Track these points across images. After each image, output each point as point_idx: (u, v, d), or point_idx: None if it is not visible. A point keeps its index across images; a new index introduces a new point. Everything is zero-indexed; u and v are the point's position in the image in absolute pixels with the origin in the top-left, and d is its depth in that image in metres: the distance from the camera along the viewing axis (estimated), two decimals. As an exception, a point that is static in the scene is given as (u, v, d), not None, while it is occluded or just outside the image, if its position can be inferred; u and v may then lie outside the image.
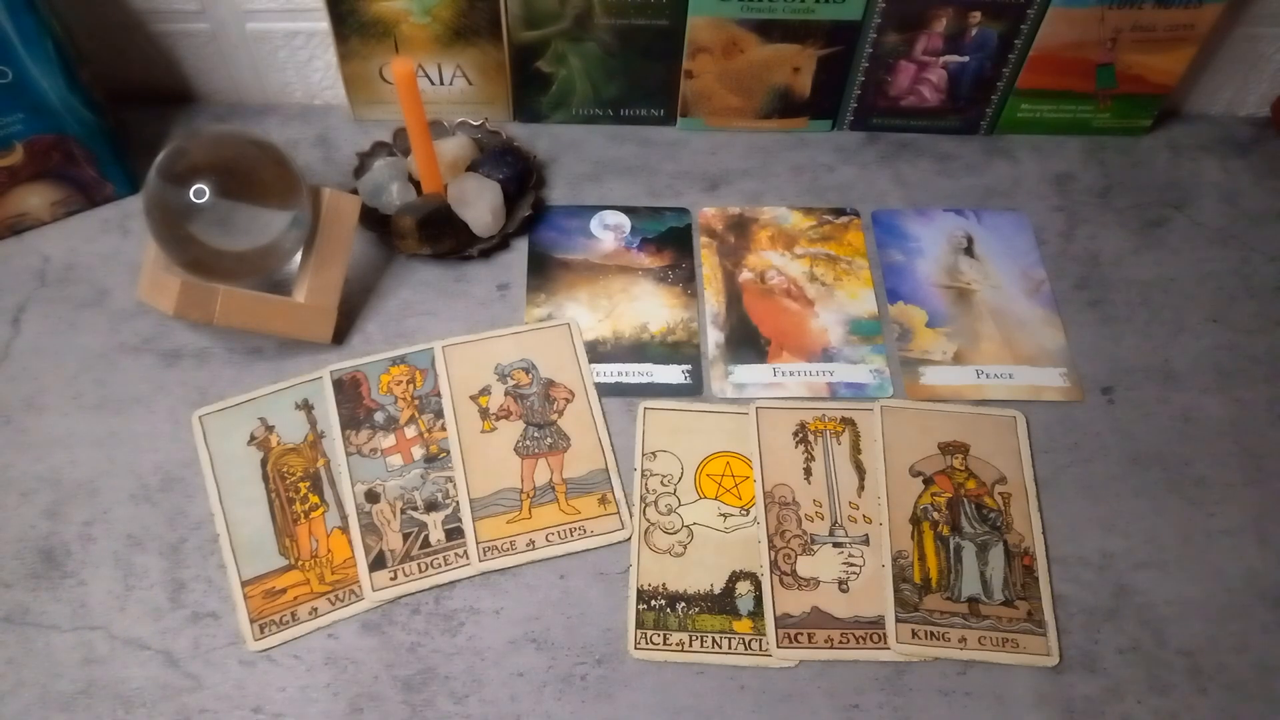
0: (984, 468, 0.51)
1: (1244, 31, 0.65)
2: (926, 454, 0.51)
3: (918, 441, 0.52)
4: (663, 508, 0.51)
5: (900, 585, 0.48)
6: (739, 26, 0.61)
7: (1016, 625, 0.47)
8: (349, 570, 0.49)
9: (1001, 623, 0.47)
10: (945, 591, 0.48)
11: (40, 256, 0.60)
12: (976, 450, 0.52)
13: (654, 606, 0.48)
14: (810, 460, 0.52)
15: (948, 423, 0.52)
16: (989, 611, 0.47)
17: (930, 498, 0.50)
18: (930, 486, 0.50)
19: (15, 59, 0.53)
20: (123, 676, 0.46)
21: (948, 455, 0.51)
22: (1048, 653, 0.47)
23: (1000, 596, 0.48)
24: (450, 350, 0.55)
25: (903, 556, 0.48)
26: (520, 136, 0.66)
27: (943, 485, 0.50)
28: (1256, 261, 0.63)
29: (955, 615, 0.47)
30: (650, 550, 0.49)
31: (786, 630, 0.47)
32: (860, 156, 0.67)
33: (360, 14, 0.61)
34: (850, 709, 0.46)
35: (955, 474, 0.51)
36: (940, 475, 0.51)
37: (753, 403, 0.53)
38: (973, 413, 0.53)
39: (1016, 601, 0.48)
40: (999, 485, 0.51)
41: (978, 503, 0.50)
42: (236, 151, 0.52)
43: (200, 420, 0.53)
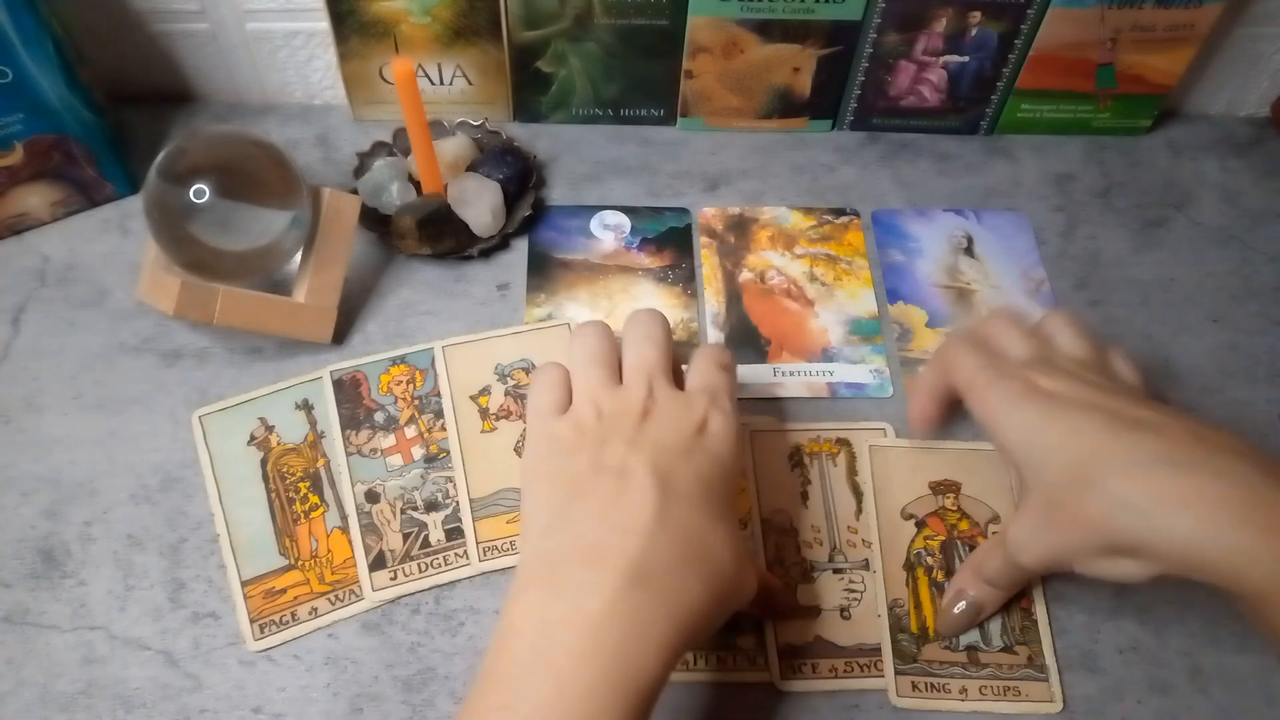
0: (977, 507, 0.50)
1: (1244, 31, 0.65)
2: (917, 495, 0.50)
3: (908, 481, 0.50)
4: None
5: (898, 635, 0.46)
6: (739, 26, 0.61)
7: (1017, 672, 0.46)
8: (349, 570, 0.49)
9: (1002, 670, 0.46)
10: (943, 641, 0.46)
11: (40, 256, 0.60)
12: (968, 489, 0.50)
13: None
14: (807, 484, 0.51)
15: (937, 461, 0.51)
16: (988, 659, 0.46)
17: (924, 541, 0.48)
18: (923, 530, 0.49)
19: (15, 59, 0.53)
20: (123, 676, 0.46)
21: (939, 495, 0.50)
22: (1050, 699, 0.45)
23: (999, 643, 0.46)
24: (450, 350, 0.55)
25: (899, 605, 0.47)
26: (520, 136, 0.66)
27: (935, 528, 0.49)
28: (1256, 261, 0.63)
29: (955, 665, 0.46)
30: None
31: (790, 661, 0.46)
32: (860, 156, 0.67)
33: (360, 14, 0.61)
34: (850, 709, 0.46)
35: (947, 515, 0.49)
36: (932, 517, 0.49)
37: (746, 427, 0.51)
38: (963, 449, 0.51)
39: (1016, 647, 0.46)
40: (992, 525, 0.49)
41: (971, 544, 0.48)
42: (236, 151, 0.52)
43: (200, 420, 0.53)
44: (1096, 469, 0.38)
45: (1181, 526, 0.36)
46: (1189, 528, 0.36)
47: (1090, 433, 0.39)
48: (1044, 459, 0.40)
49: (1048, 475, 0.40)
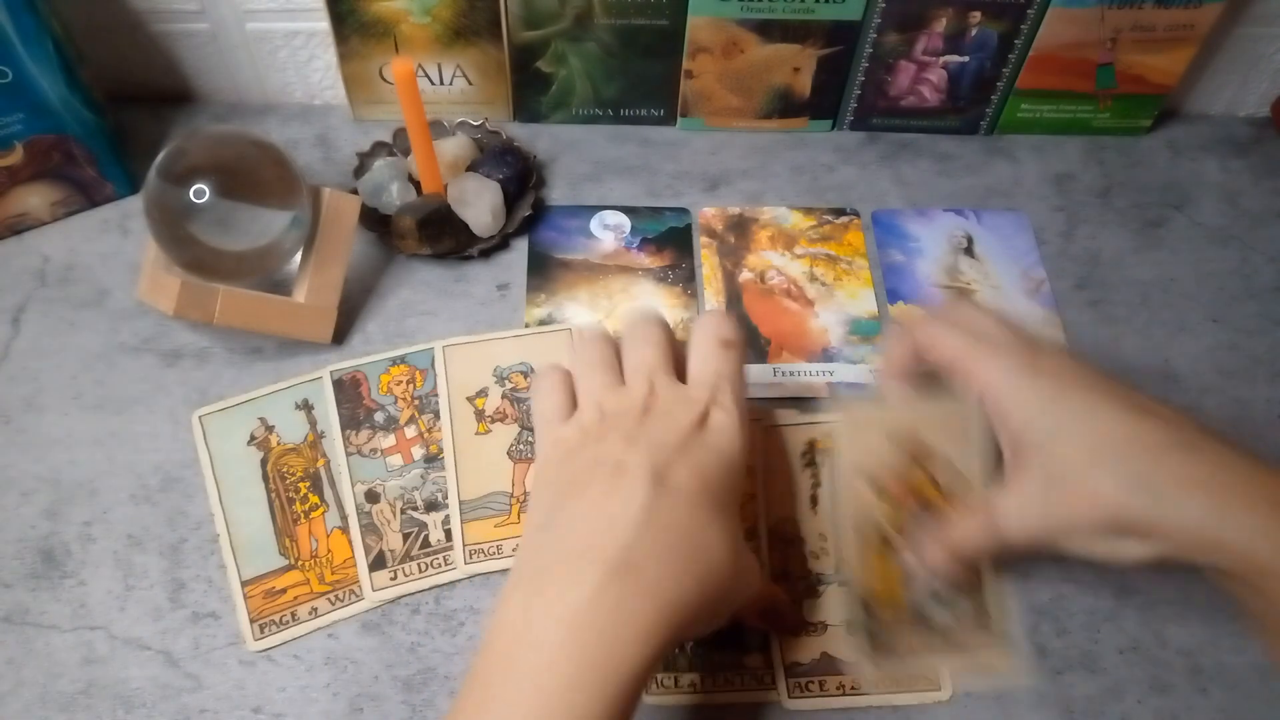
0: (946, 468, 0.46)
1: (1244, 31, 0.65)
2: (888, 463, 0.46)
3: (878, 452, 0.46)
4: None
5: (857, 612, 0.45)
6: (739, 26, 0.61)
7: (971, 634, 0.45)
8: (349, 570, 0.49)
9: (959, 636, 0.45)
10: (903, 612, 0.45)
11: (40, 256, 0.60)
12: (938, 447, 0.46)
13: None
14: (817, 486, 0.49)
15: (911, 423, 0.47)
16: (941, 622, 0.45)
17: (889, 514, 0.46)
18: (887, 499, 0.46)
19: (15, 59, 0.53)
20: (123, 676, 0.46)
21: (906, 458, 0.46)
22: (1006, 662, 0.45)
23: (951, 609, 0.45)
24: (450, 350, 0.55)
25: (860, 580, 0.45)
26: (520, 136, 0.66)
27: (902, 497, 0.46)
28: (1256, 261, 0.63)
29: (918, 638, 0.45)
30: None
31: (797, 680, 0.46)
32: (860, 156, 0.67)
33: (360, 14, 0.61)
34: (850, 709, 0.46)
35: (918, 484, 0.46)
36: (898, 484, 0.46)
37: (757, 422, 0.49)
38: (932, 407, 0.47)
39: (965, 614, 0.45)
40: (957, 483, 0.46)
41: (937, 511, 0.46)
42: (236, 151, 0.52)
43: (200, 420, 0.53)
44: (1111, 449, 0.38)
45: (1194, 507, 0.37)
46: (1202, 508, 0.37)
47: (1103, 414, 0.39)
48: (1051, 435, 0.40)
49: (1056, 451, 0.40)
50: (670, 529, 0.36)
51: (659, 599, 0.34)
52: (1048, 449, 0.40)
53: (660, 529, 0.36)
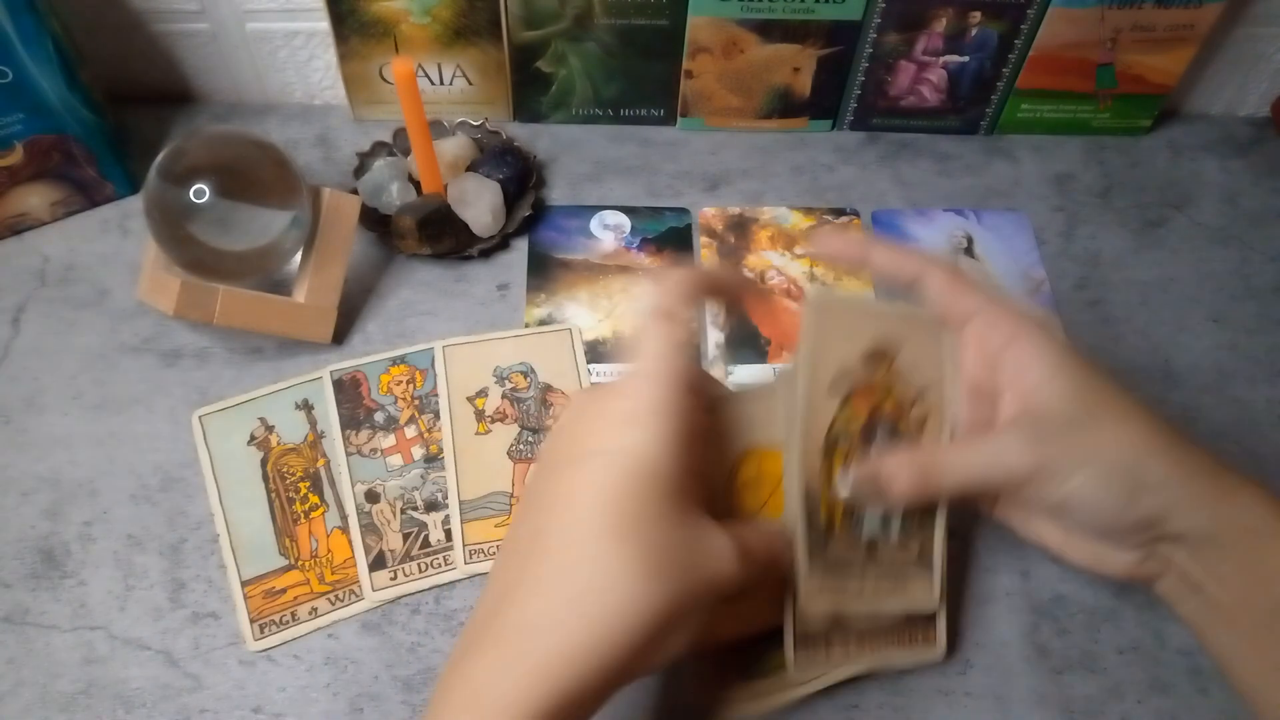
0: (906, 381, 0.43)
1: (1244, 31, 0.65)
2: (849, 365, 0.42)
3: (843, 349, 0.42)
4: None
5: (811, 534, 0.40)
6: (739, 26, 0.61)
7: (906, 568, 0.42)
8: (349, 570, 0.49)
9: (895, 565, 0.42)
10: (846, 534, 0.41)
11: (40, 256, 0.60)
12: (902, 359, 0.43)
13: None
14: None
15: (878, 325, 0.43)
16: (885, 553, 0.42)
17: (845, 422, 0.42)
18: (847, 407, 0.42)
19: (15, 59, 0.53)
20: (123, 676, 0.46)
21: (870, 366, 0.42)
22: (929, 596, 0.42)
23: (896, 535, 0.42)
24: (450, 350, 0.55)
25: (809, 497, 0.41)
26: (520, 136, 0.66)
27: (860, 405, 0.42)
28: (1256, 261, 0.63)
29: (854, 562, 0.41)
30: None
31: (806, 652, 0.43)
32: (860, 156, 0.67)
33: (360, 14, 0.61)
34: (850, 709, 0.46)
35: (875, 391, 0.42)
36: (859, 392, 0.42)
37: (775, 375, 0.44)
38: (904, 314, 0.43)
39: (910, 541, 0.42)
40: (916, 405, 0.43)
41: (893, 427, 0.42)
42: (236, 151, 0.52)
43: (200, 420, 0.53)
44: (1151, 470, 0.37)
45: (1203, 519, 0.38)
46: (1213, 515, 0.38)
47: (1136, 426, 0.38)
48: (1081, 424, 0.38)
49: (1084, 439, 0.38)
50: (547, 577, 0.33)
51: (524, 665, 0.32)
52: (1074, 430, 0.38)
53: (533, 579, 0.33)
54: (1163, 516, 0.38)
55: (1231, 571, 0.38)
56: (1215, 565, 0.38)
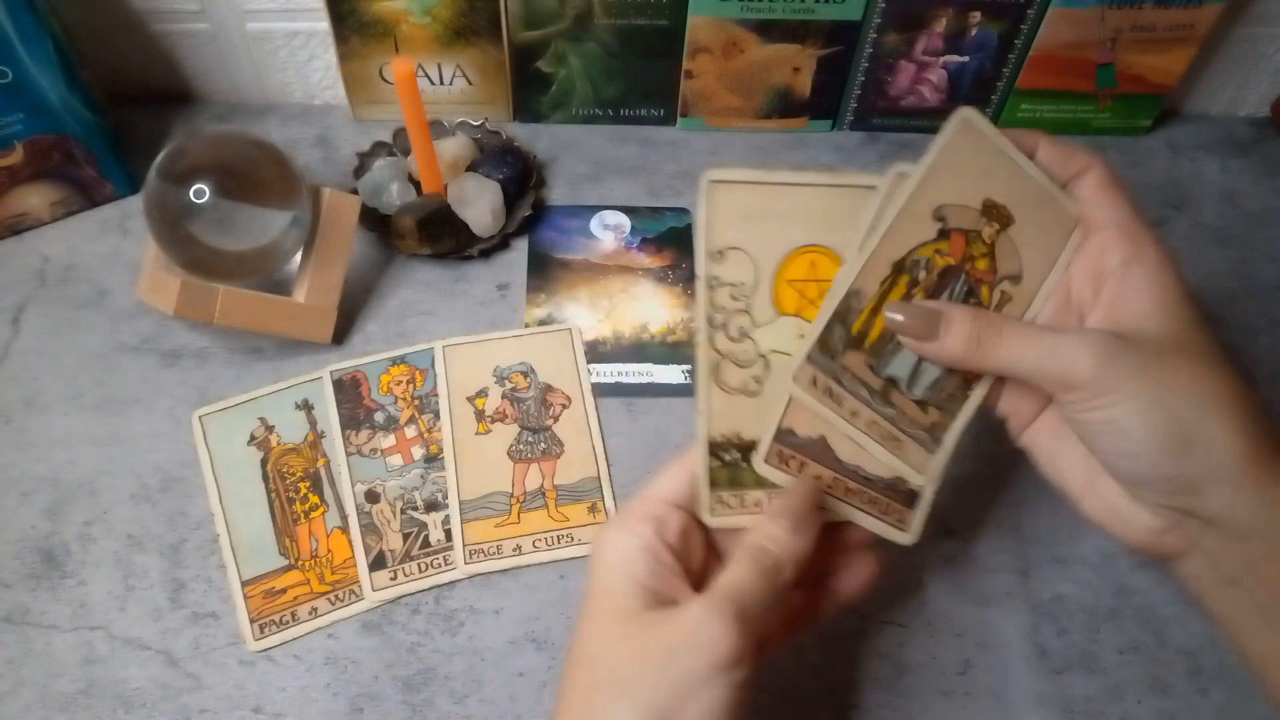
0: (1009, 254, 0.39)
1: (1244, 31, 0.65)
2: (965, 201, 0.39)
3: (967, 183, 0.39)
4: (734, 332, 0.39)
5: (835, 326, 0.38)
6: (739, 26, 0.61)
7: (914, 430, 0.39)
8: (349, 570, 0.49)
9: (903, 419, 0.39)
10: (872, 357, 0.38)
11: (40, 256, 0.60)
12: (1017, 230, 0.39)
13: (728, 461, 0.38)
14: None
15: (1014, 182, 0.39)
16: (899, 401, 0.39)
17: (932, 252, 0.38)
18: (941, 241, 0.39)
19: (15, 59, 0.53)
20: (123, 676, 0.46)
21: (984, 218, 0.39)
22: (923, 468, 0.39)
23: (920, 393, 0.39)
24: (450, 350, 0.56)
25: (857, 298, 0.38)
26: (520, 136, 0.66)
27: (955, 247, 0.39)
28: (1256, 261, 0.63)
29: (864, 387, 0.38)
30: (721, 391, 0.38)
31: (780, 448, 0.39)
32: (860, 156, 0.67)
33: (360, 14, 0.61)
34: (850, 709, 0.46)
35: (976, 243, 0.39)
36: (959, 234, 0.39)
37: (890, 171, 0.39)
38: (1044, 188, 0.40)
39: (930, 407, 0.39)
40: (1007, 282, 0.39)
41: (972, 287, 0.39)
42: (236, 151, 0.52)
43: (200, 420, 0.53)
44: (1212, 428, 0.34)
45: (1246, 507, 0.34)
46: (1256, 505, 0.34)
47: (1218, 381, 0.35)
48: (1161, 358, 0.35)
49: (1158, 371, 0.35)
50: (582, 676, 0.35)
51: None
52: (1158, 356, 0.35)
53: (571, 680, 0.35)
54: (1203, 484, 0.34)
55: (1277, 571, 0.34)
56: (1256, 561, 0.34)
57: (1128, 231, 0.38)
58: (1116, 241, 0.38)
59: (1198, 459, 0.34)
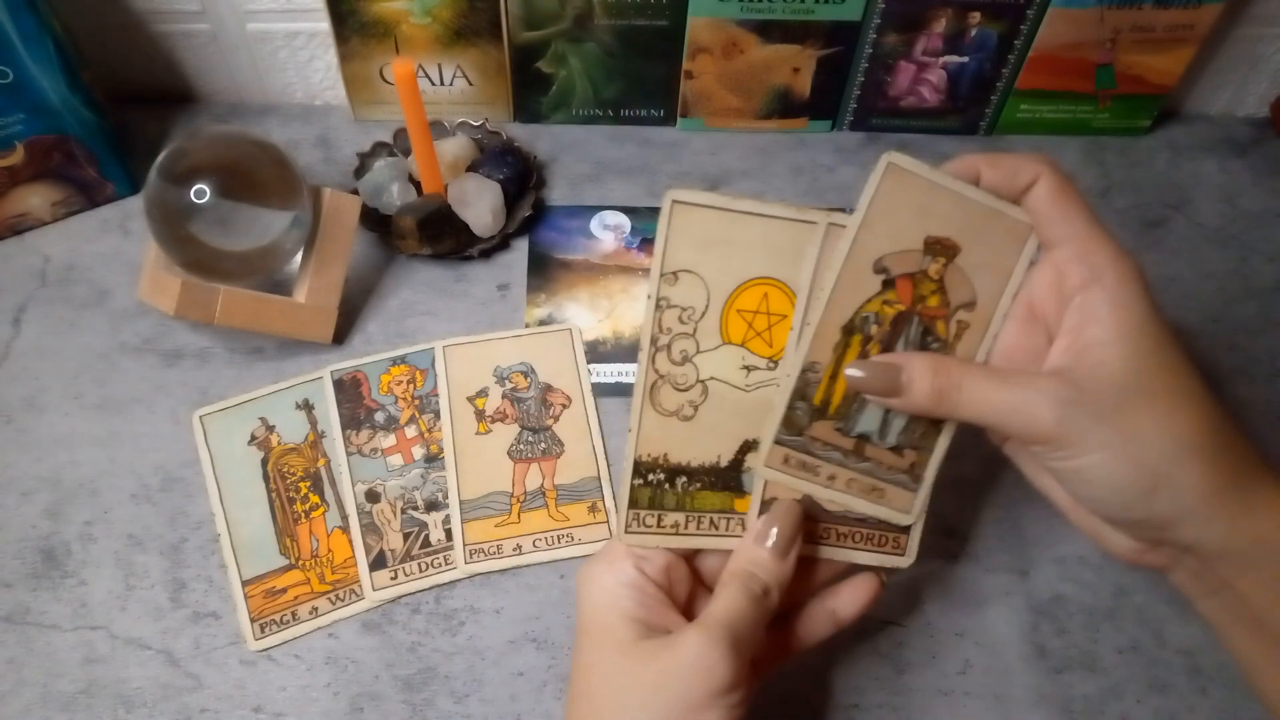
0: (960, 283, 0.39)
1: (1244, 31, 0.65)
2: (905, 247, 0.38)
3: (905, 227, 0.38)
4: (677, 355, 0.39)
5: (796, 403, 0.38)
6: (739, 27, 0.61)
7: (893, 475, 0.39)
8: (349, 570, 0.49)
9: (880, 469, 0.39)
10: (839, 422, 0.39)
11: (41, 256, 0.60)
12: (965, 258, 0.38)
13: (651, 481, 0.39)
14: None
15: (954, 212, 0.38)
16: (873, 454, 0.39)
17: (880, 305, 0.38)
18: (887, 291, 0.38)
19: (16, 59, 0.53)
20: (123, 676, 0.46)
21: (928, 256, 0.38)
22: (909, 510, 0.40)
23: (893, 440, 0.39)
24: (451, 350, 0.56)
25: (814, 370, 0.38)
26: (520, 137, 0.66)
27: (901, 294, 0.38)
28: (1256, 261, 0.63)
29: (837, 450, 0.39)
30: (655, 412, 0.39)
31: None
32: (860, 157, 0.67)
33: (361, 14, 0.61)
34: (850, 709, 0.46)
35: (924, 283, 0.38)
36: (904, 280, 0.38)
37: (828, 216, 0.39)
38: (987, 208, 0.38)
39: (906, 450, 0.39)
40: (962, 311, 0.39)
41: (927, 327, 0.39)
42: (237, 152, 0.52)
43: (201, 420, 0.53)
44: (1179, 472, 0.34)
45: (1218, 535, 0.35)
46: (1226, 534, 0.35)
47: (1184, 419, 0.35)
48: (1124, 404, 0.35)
49: (1121, 421, 0.35)
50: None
51: None
52: (1120, 401, 0.35)
53: None
54: (1175, 522, 0.35)
55: (1258, 584, 0.35)
56: (1233, 578, 0.35)
57: (1087, 248, 0.36)
58: (1075, 261, 0.36)
59: (1164, 502, 0.34)
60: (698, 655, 0.34)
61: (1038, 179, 0.37)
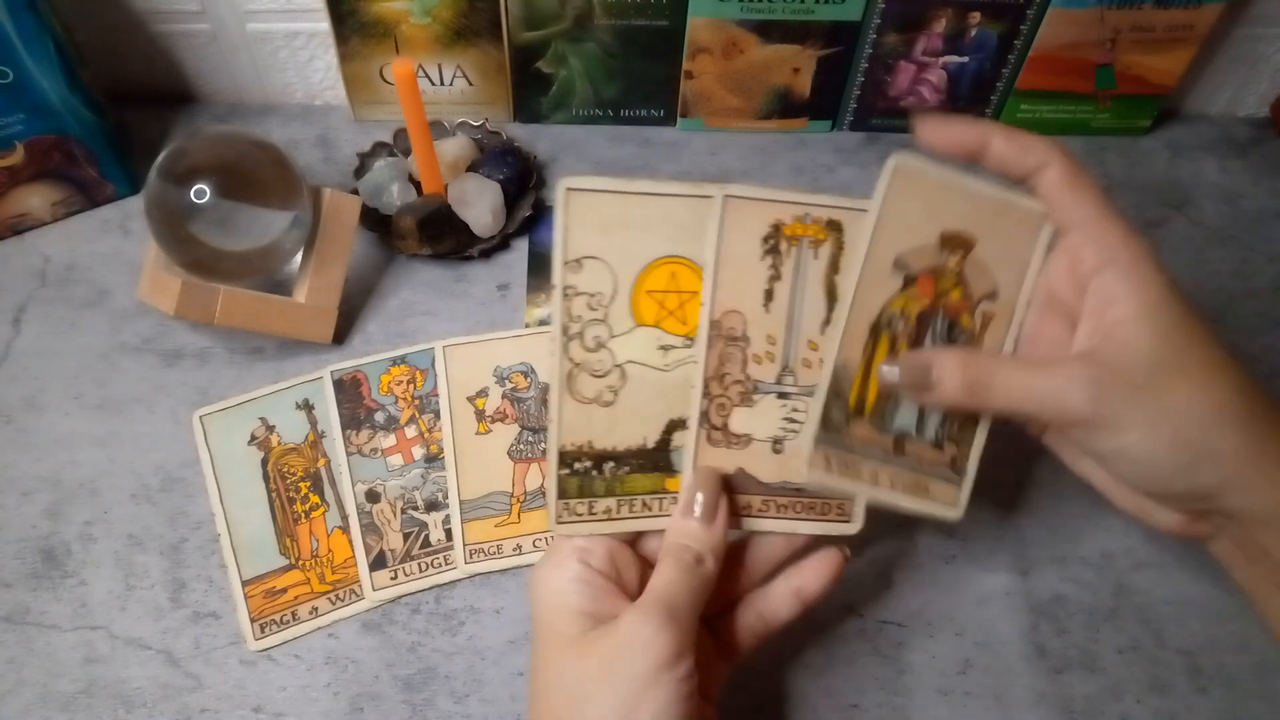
0: (980, 275, 0.39)
1: (1244, 31, 0.65)
2: (921, 243, 0.39)
3: (918, 225, 0.39)
4: (590, 342, 0.39)
5: (832, 404, 0.39)
6: (739, 27, 0.61)
7: (935, 470, 0.40)
8: (349, 570, 0.49)
9: (921, 464, 0.40)
10: (876, 420, 0.39)
11: (41, 257, 0.60)
12: (982, 250, 0.39)
13: (578, 470, 0.39)
14: (775, 279, 0.40)
15: (965, 206, 0.39)
16: (913, 450, 0.40)
17: (904, 302, 0.39)
18: (909, 288, 0.39)
19: (16, 59, 0.53)
20: (123, 676, 0.46)
21: (945, 251, 0.39)
22: (954, 503, 0.40)
23: (931, 435, 0.40)
24: (451, 350, 0.56)
25: (844, 369, 0.39)
26: (520, 137, 0.66)
27: (923, 289, 0.39)
28: (1256, 261, 0.63)
29: (877, 448, 0.39)
30: (574, 401, 0.39)
31: None
32: (860, 157, 0.67)
33: (360, 14, 0.61)
34: (850, 709, 0.46)
35: (944, 277, 0.39)
36: (925, 276, 0.39)
37: (722, 189, 0.39)
38: (998, 200, 0.39)
39: (945, 444, 0.40)
40: (985, 302, 0.40)
41: (953, 320, 0.39)
42: (237, 152, 0.52)
43: (201, 420, 0.53)
44: (1218, 442, 0.34)
45: (1262, 502, 0.35)
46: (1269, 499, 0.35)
47: (1217, 389, 0.34)
48: (1156, 379, 0.34)
49: (1154, 397, 0.35)
50: None
51: None
52: (1151, 379, 0.35)
53: None
54: (1218, 491, 0.35)
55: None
56: (1273, 544, 0.35)
57: (1099, 230, 0.36)
58: (1088, 244, 0.37)
59: (1205, 473, 0.34)
60: (634, 632, 0.35)
61: (1048, 163, 0.37)
